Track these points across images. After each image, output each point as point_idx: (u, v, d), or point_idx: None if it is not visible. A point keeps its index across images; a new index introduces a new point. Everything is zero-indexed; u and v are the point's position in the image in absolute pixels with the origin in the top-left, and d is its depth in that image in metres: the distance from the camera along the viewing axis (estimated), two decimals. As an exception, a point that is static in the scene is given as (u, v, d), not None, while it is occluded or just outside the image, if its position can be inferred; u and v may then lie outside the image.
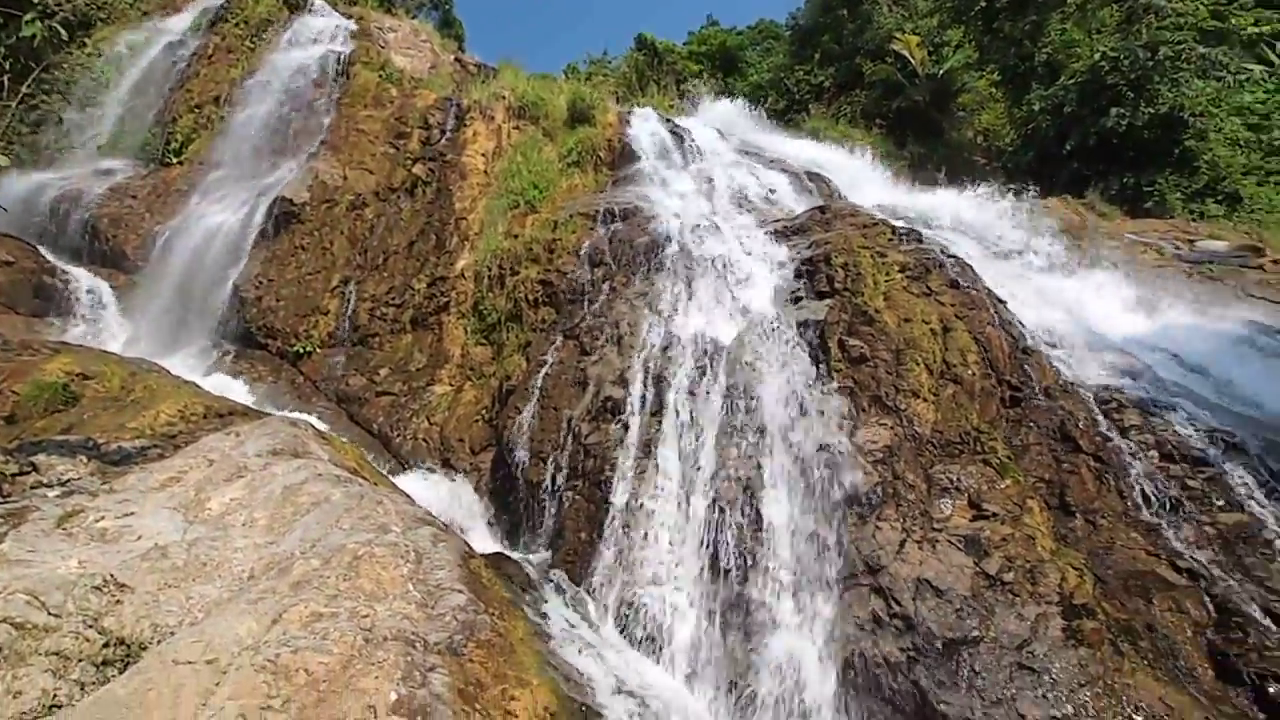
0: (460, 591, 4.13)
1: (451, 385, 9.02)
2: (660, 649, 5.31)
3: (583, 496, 6.55)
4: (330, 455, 5.75)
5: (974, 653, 4.67)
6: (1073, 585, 4.92)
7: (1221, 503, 5.45)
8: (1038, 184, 11.50)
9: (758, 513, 5.70)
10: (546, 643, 4.66)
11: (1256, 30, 13.67)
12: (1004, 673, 4.59)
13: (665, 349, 7.15)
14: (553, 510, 6.70)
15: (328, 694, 3.11)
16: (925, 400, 6.05)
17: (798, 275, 7.47)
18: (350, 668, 3.27)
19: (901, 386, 6.12)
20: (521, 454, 7.17)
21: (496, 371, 8.70)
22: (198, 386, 7.64)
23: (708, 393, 6.66)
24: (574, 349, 7.73)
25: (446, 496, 7.49)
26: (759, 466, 5.94)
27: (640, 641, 5.37)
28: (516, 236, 9.90)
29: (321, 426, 7.06)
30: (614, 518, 6.13)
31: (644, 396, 6.86)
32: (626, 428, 6.67)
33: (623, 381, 6.99)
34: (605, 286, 8.27)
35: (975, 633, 4.76)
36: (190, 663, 3.15)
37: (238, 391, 8.89)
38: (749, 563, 5.48)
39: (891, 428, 5.93)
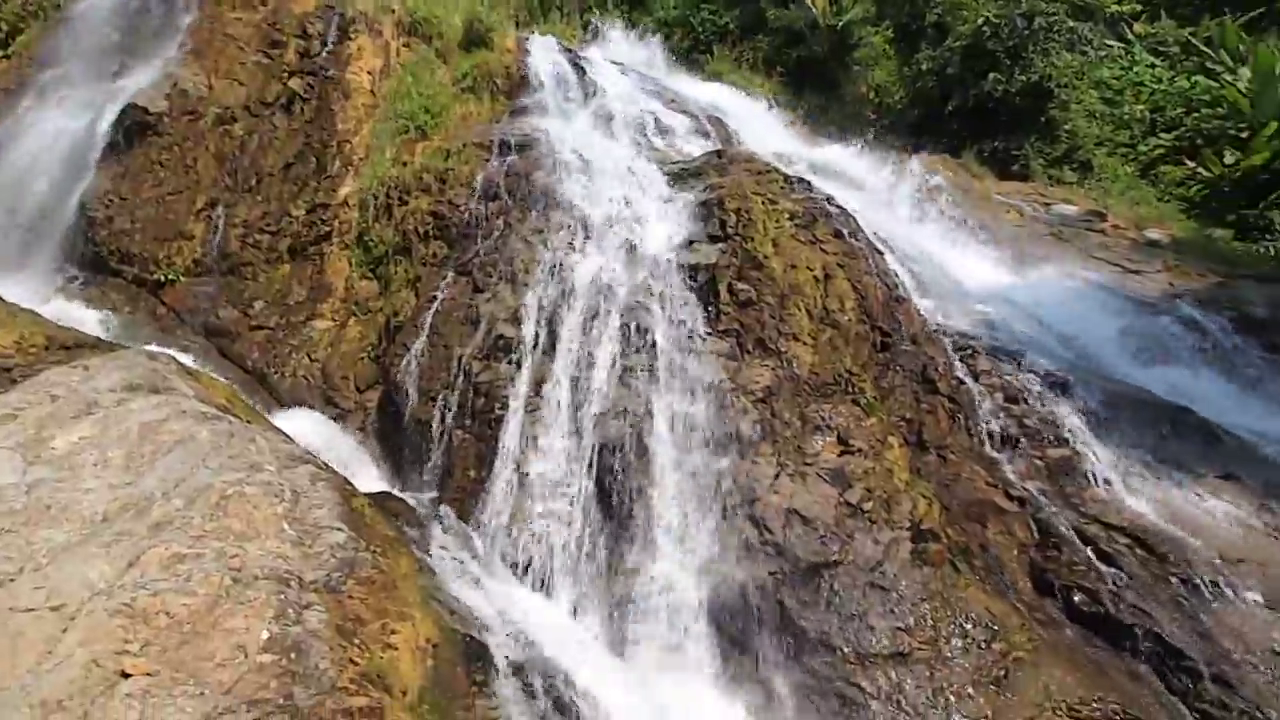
0: (340, 529, 4.06)
1: (334, 320, 8.57)
2: (546, 581, 5.48)
3: (473, 435, 6.52)
4: (196, 391, 5.39)
5: (834, 574, 5.15)
6: (922, 513, 5.47)
7: (1051, 439, 6.17)
8: (922, 143, 12.06)
9: (645, 449, 5.90)
10: (432, 578, 4.69)
11: (1118, 9, 14.79)
12: (858, 591, 5.09)
13: (559, 287, 7.11)
14: (442, 449, 6.63)
15: (192, 635, 3.02)
16: (805, 344, 6.38)
17: (692, 218, 7.56)
18: (217, 608, 3.17)
19: (784, 330, 6.42)
20: (410, 392, 7.00)
21: (384, 307, 8.34)
22: (37, 315, 6.87)
23: (600, 332, 6.72)
24: (466, 285, 7.53)
25: (329, 435, 7.21)
26: (648, 405, 6.11)
27: (527, 575, 5.51)
28: (406, 164, 9.35)
29: (187, 361, 6.56)
30: (504, 455, 6.15)
31: (537, 335, 6.82)
32: (519, 366, 6.64)
33: (515, 320, 6.91)
34: (500, 221, 8.03)
35: (836, 556, 5.23)
36: (32, 610, 2.95)
37: (89, 322, 8.03)
38: (635, 497, 5.69)
39: (773, 369, 6.23)
